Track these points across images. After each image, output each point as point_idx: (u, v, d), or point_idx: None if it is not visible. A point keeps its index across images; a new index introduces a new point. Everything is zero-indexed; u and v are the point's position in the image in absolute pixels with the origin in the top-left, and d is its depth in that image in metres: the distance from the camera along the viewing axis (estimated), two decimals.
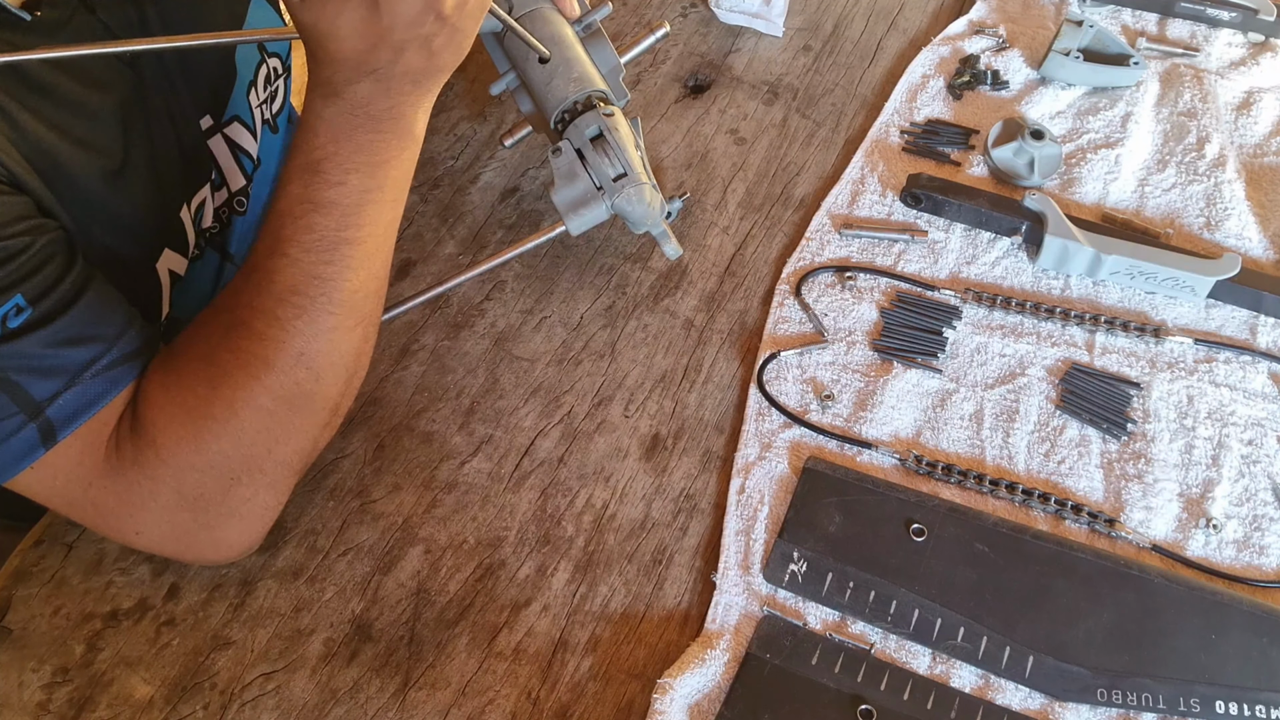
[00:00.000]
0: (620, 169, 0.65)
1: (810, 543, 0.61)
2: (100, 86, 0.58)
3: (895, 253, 0.76)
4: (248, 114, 0.74)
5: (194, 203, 0.69)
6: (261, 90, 0.76)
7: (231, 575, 0.61)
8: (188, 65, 0.67)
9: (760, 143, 0.84)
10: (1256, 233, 0.76)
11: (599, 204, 0.65)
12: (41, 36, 0.54)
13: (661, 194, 0.68)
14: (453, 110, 0.87)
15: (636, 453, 0.67)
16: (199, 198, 0.70)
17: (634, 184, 0.64)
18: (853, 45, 0.92)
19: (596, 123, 0.66)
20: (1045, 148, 0.78)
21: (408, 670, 0.58)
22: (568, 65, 0.67)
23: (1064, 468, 0.65)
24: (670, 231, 0.70)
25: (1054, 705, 0.56)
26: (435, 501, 0.65)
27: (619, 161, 0.65)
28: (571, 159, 0.66)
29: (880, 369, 0.69)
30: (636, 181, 0.64)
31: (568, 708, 0.57)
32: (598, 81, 0.68)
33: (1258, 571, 0.60)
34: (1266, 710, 0.54)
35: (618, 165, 0.65)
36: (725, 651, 0.57)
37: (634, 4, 0.95)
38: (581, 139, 0.66)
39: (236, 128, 0.73)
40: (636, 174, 0.65)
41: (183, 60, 0.66)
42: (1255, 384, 0.68)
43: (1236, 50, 0.89)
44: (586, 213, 0.66)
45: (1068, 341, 0.71)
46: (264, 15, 0.75)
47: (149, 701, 0.57)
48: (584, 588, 0.61)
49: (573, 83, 0.67)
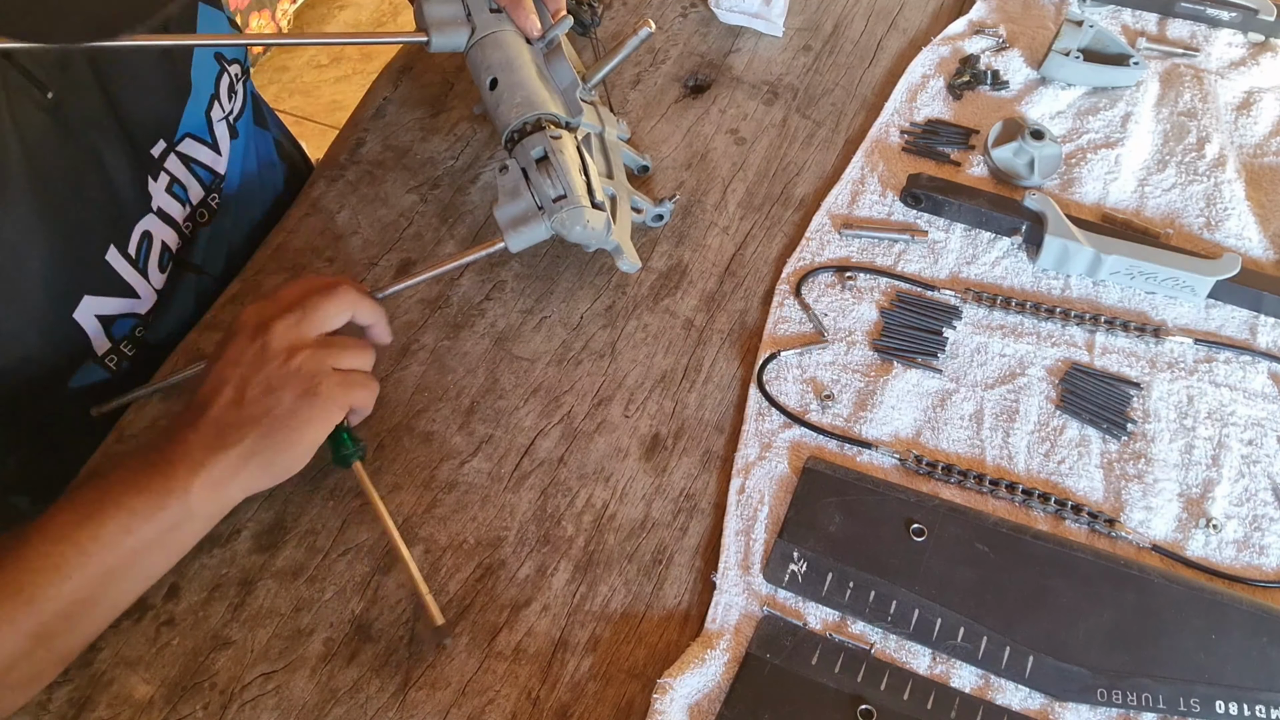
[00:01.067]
0: (561, 190, 0.66)
1: (810, 543, 0.61)
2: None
3: (895, 253, 0.76)
4: (204, 130, 0.75)
5: (132, 238, 0.69)
6: (225, 103, 0.77)
7: (231, 575, 0.61)
8: (128, 102, 0.67)
9: (760, 143, 0.84)
10: (1256, 233, 0.76)
11: (539, 223, 0.66)
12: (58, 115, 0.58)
13: (610, 213, 0.68)
14: (453, 110, 0.87)
15: (636, 453, 0.67)
16: (138, 230, 0.70)
17: (572, 206, 0.65)
18: (853, 45, 0.92)
19: (542, 144, 0.67)
20: (1045, 148, 0.78)
21: (408, 670, 0.58)
22: (512, 90, 0.69)
23: (1064, 468, 0.65)
24: (627, 247, 0.70)
25: (1054, 705, 0.56)
26: (435, 501, 0.65)
27: (560, 183, 0.66)
28: (517, 178, 0.67)
29: (880, 369, 0.69)
30: (576, 204, 0.65)
31: (568, 708, 0.57)
32: (546, 104, 0.69)
33: (1258, 571, 0.60)
34: (1266, 710, 0.54)
35: (559, 187, 0.66)
36: (725, 651, 0.57)
37: (634, 4, 0.95)
38: (527, 159, 0.67)
39: (190, 144, 0.74)
40: (577, 196, 0.65)
41: (124, 98, 0.67)
42: (1255, 384, 0.68)
43: (1236, 50, 0.89)
44: (526, 230, 0.66)
45: (1068, 341, 0.71)
46: (212, 19, 0.75)
47: (149, 701, 0.57)
48: (584, 588, 0.61)
49: (516, 107, 0.69)
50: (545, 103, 0.69)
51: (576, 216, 0.65)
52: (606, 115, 0.80)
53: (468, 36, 0.71)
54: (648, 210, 0.76)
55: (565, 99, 0.72)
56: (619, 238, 0.69)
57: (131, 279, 0.69)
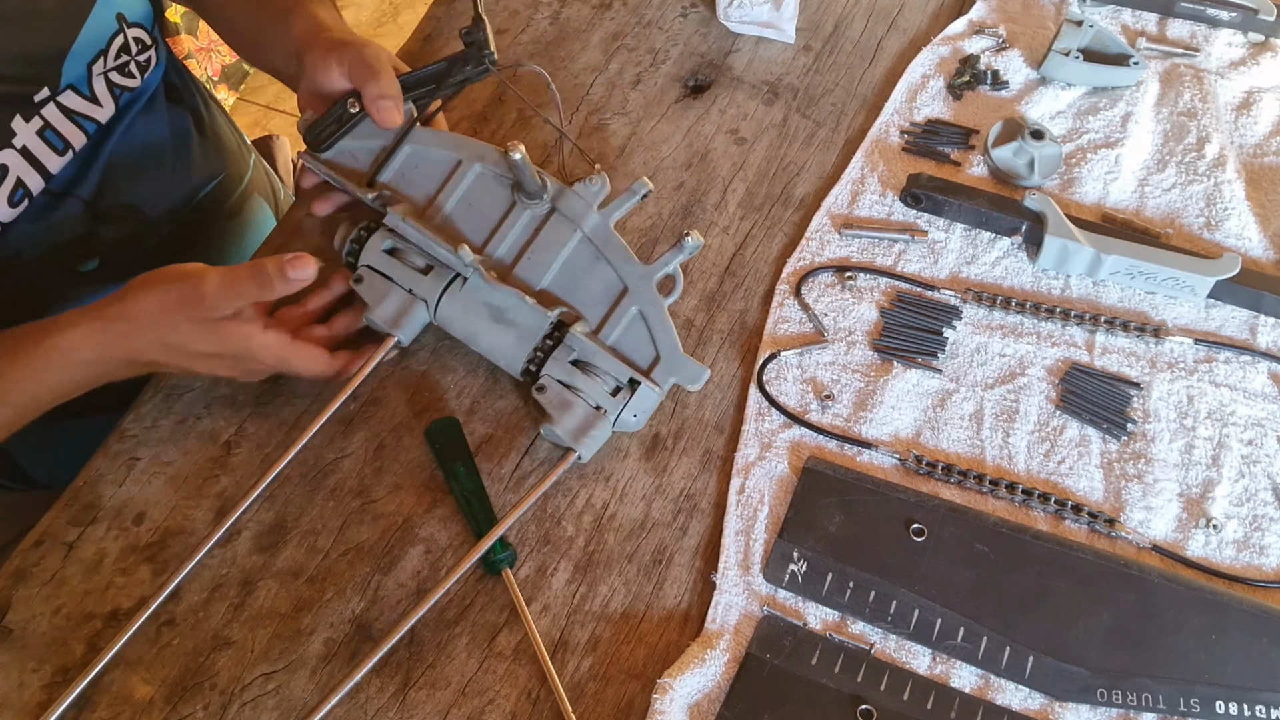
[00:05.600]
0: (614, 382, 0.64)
1: (810, 543, 0.61)
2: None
3: (895, 253, 0.76)
4: (84, 83, 0.73)
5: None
6: (111, 59, 0.75)
7: (231, 575, 0.61)
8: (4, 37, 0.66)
9: (760, 143, 0.84)
10: (1256, 233, 0.76)
11: (604, 421, 0.63)
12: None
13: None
14: (453, 110, 0.87)
15: (636, 453, 0.67)
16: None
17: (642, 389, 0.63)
18: (853, 45, 0.92)
19: (572, 350, 0.64)
20: (1045, 148, 0.78)
21: (408, 670, 0.58)
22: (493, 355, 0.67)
23: (1064, 468, 0.65)
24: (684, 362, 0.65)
25: (1054, 705, 0.56)
26: (436, 501, 0.65)
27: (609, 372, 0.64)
28: (558, 390, 0.64)
29: (880, 369, 0.69)
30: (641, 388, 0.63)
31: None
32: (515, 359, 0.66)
33: (1258, 571, 0.60)
34: (1266, 710, 0.54)
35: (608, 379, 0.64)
36: (725, 651, 0.57)
37: (634, 4, 0.95)
38: (564, 371, 0.64)
39: (71, 96, 0.73)
40: (629, 373, 0.63)
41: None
42: (1255, 384, 0.68)
43: (1236, 50, 0.89)
44: (595, 433, 0.63)
45: (1068, 341, 0.71)
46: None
47: (149, 701, 0.57)
48: (584, 588, 0.61)
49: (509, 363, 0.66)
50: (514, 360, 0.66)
51: (647, 399, 0.64)
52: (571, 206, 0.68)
53: (426, 311, 0.67)
54: (686, 247, 0.67)
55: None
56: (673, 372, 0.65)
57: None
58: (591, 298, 0.67)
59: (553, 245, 0.68)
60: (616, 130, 0.85)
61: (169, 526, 0.63)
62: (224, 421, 0.68)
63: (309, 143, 0.70)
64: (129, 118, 0.80)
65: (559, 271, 0.68)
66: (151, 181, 0.84)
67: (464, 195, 0.70)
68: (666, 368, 0.64)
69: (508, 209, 0.69)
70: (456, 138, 0.71)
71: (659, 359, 0.65)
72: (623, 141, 0.84)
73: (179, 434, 0.68)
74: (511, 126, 0.85)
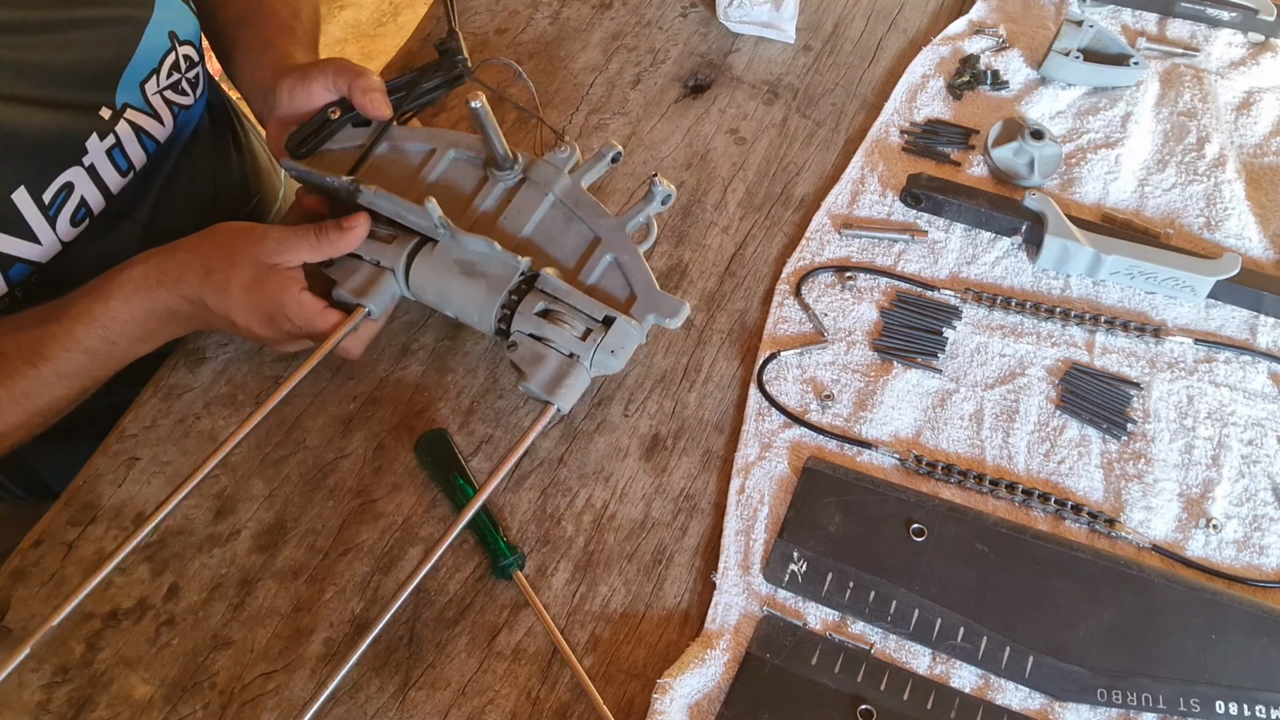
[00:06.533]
0: (583, 326, 0.62)
1: (810, 543, 0.61)
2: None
3: (895, 253, 0.76)
4: (142, 101, 0.74)
5: (51, 186, 0.68)
6: (164, 77, 0.76)
7: (231, 575, 0.61)
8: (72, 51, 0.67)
9: (760, 143, 0.84)
10: (1256, 233, 0.76)
11: (579, 369, 0.62)
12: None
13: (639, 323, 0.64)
14: (453, 110, 0.87)
15: (636, 453, 0.67)
16: (60, 180, 0.69)
17: (612, 330, 0.62)
18: (853, 45, 0.92)
19: (539, 301, 0.63)
20: (1045, 148, 0.78)
21: (407, 670, 0.58)
22: (465, 313, 0.66)
23: (1064, 468, 0.65)
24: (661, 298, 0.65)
25: (1054, 705, 0.56)
26: (435, 501, 0.65)
27: (578, 319, 0.63)
28: (530, 344, 0.63)
29: (880, 369, 0.69)
30: (616, 324, 0.62)
31: (568, 707, 0.57)
32: (488, 314, 0.65)
33: (1258, 571, 0.60)
34: (1266, 710, 0.54)
35: (578, 324, 0.62)
36: (725, 651, 0.57)
37: (634, 4, 0.95)
38: (530, 323, 0.63)
39: (136, 113, 0.73)
40: (604, 319, 0.62)
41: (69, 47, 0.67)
42: (1255, 384, 0.68)
43: (1236, 50, 0.89)
44: (571, 382, 0.62)
45: (1068, 341, 0.71)
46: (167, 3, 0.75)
47: (149, 701, 0.57)
48: (584, 588, 0.61)
49: (481, 320, 0.65)
50: (485, 313, 0.65)
51: (624, 333, 0.62)
52: (541, 173, 0.69)
53: (395, 282, 0.66)
54: (656, 195, 0.68)
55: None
56: (651, 308, 0.64)
57: (36, 224, 0.68)
58: (565, 252, 0.67)
59: (525, 210, 0.68)
60: (616, 130, 0.85)
61: (168, 526, 0.63)
62: (223, 421, 0.68)
63: (291, 151, 0.71)
64: (183, 138, 0.80)
65: (533, 231, 0.68)
66: (201, 204, 0.85)
67: (438, 178, 0.71)
68: (644, 305, 0.64)
69: (480, 183, 0.70)
70: (431, 130, 0.73)
71: (635, 298, 0.64)
72: (623, 141, 0.84)
73: (178, 434, 0.68)
74: (507, 129, 0.85)
